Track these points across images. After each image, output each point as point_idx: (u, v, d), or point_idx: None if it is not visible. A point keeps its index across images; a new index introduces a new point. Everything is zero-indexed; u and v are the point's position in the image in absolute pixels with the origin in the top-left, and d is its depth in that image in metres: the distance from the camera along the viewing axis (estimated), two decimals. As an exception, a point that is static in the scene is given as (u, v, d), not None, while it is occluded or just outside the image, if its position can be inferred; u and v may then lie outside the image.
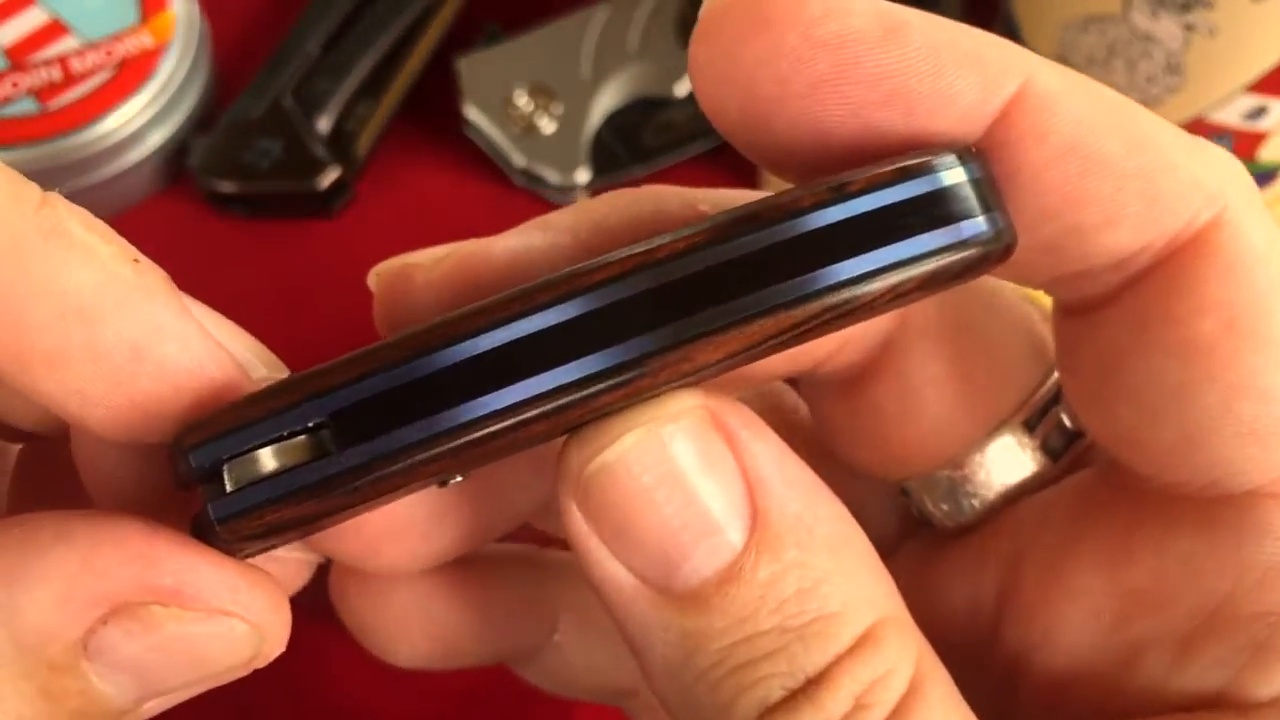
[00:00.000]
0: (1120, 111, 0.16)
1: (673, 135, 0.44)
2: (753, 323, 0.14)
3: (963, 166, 0.15)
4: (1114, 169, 0.16)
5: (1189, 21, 0.34)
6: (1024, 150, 0.16)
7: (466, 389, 0.13)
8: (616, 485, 0.15)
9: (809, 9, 0.15)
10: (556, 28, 0.44)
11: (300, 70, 0.44)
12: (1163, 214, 0.16)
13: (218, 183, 0.42)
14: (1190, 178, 0.16)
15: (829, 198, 0.14)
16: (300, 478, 0.14)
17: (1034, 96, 0.16)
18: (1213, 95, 0.36)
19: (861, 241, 0.14)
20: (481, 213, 0.44)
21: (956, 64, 0.15)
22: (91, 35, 0.43)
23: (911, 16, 0.15)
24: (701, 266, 0.14)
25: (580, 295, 0.13)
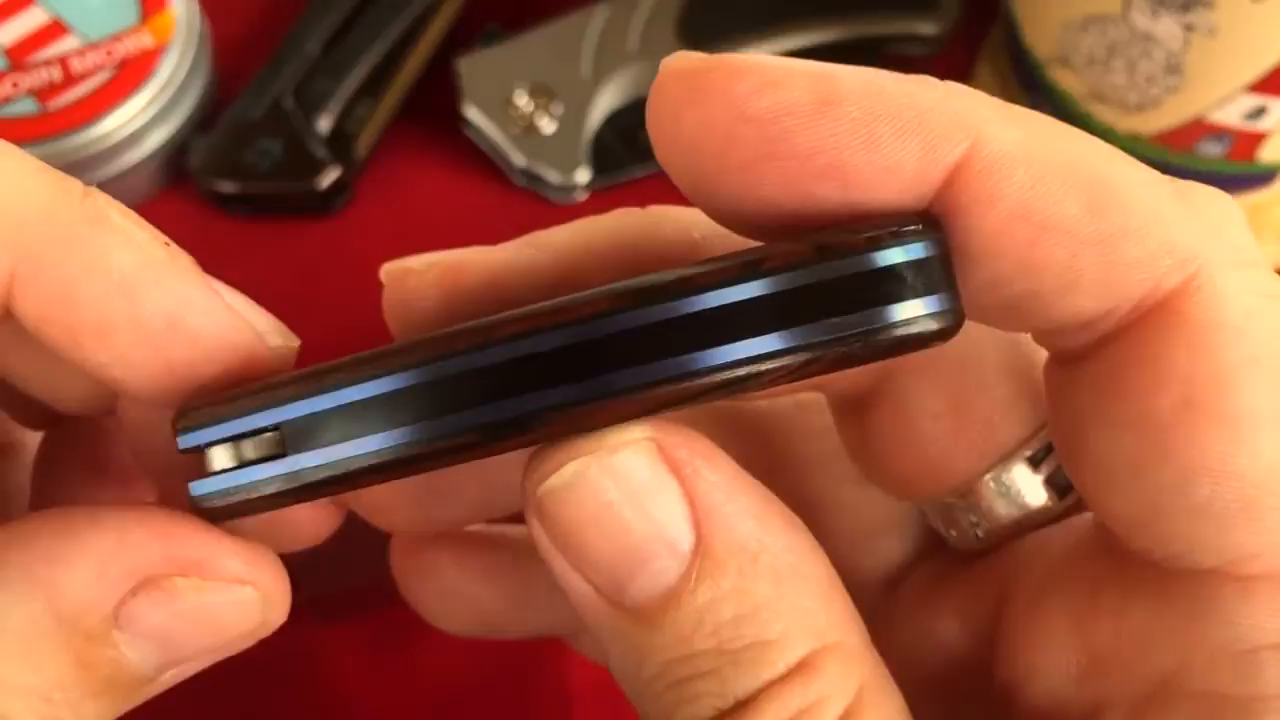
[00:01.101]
0: (1086, 167, 0.15)
1: (673, 135, 0.44)
2: (646, 391, 0.14)
3: (896, 247, 0.14)
4: (1069, 234, 0.15)
5: (1189, 21, 0.34)
6: (973, 216, 0.15)
7: (391, 417, 0.15)
8: (562, 511, 0.16)
9: (741, 83, 0.15)
10: (556, 28, 0.44)
11: (300, 70, 0.44)
12: (1123, 281, 0.15)
13: (218, 183, 0.42)
14: (1158, 241, 0.15)
15: (736, 275, 0.14)
16: (257, 472, 0.16)
17: (982, 159, 0.15)
18: (1213, 95, 0.36)
19: (762, 322, 0.14)
20: (481, 213, 0.44)
21: (895, 134, 0.15)
22: (92, 35, 0.43)
23: (849, 85, 0.15)
24: (603, 334, 0.14)
25: (493, 346, 0.14)
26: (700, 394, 0.14)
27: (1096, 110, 0.39)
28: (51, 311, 0.17)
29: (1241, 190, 0.40)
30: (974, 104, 0.15)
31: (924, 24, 0.45)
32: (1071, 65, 0.38)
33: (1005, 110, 0.16)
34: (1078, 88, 0.39)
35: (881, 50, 0.46)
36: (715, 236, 0.18)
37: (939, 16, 0.45)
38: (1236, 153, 0.38)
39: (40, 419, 0.22)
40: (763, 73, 0.15)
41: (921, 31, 0.45)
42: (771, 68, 0.15)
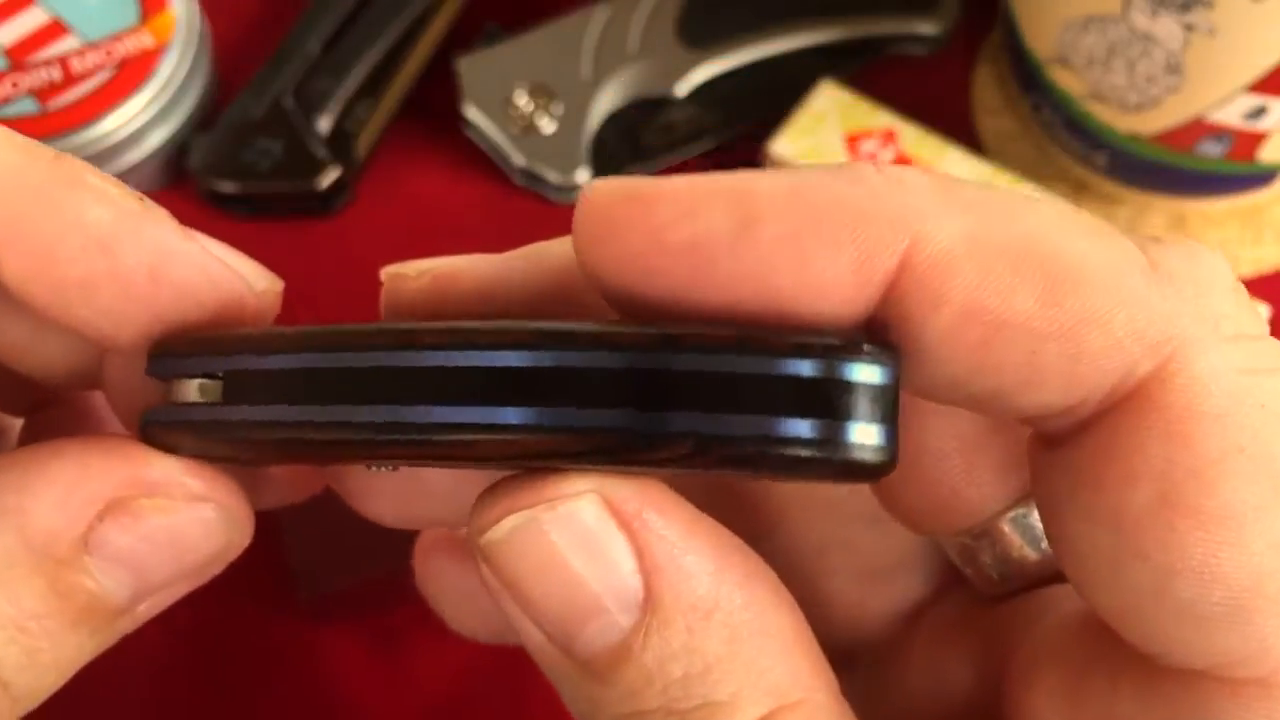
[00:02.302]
0: (1041, 250, 0.14)
1: (673, 135, 0.44)
2: (515, 435, 0.14)
3: (828, 360, 0.13)
4: (1024, 330, 0.14)
5: (1189, 21, 0.34)
6: (919, 320, 0.14)
7: (294, 393, 0.15)
8: (506, 564, 0.15)
9: (656, 215, 0.14)
10: (556, 28, 0.44)
11: (300, 70, 0.44)
12: (1089, 373, 0.14)
13: (218, 183, 0.42)
14: (1126, 325, 0.14)
15: (649, 343, 0.14)
16: (195, 414, 0.16)
17: (922, 260, 0.14)
18: (1213, 95, 0.36)
19: (654, 397, 0.14)
20: (481, 213, 0.44)
21: (824, 247, 0.14)
22: (92, 35, 0.43)
23: (769, 200, 0.14)
24: (498, 365, 0.14)
25: (393, 349, 0.14)
26: (551, 455, 0.14)
27: (1096, 110, 0.39)
28: (34, 272, 0.17)
29: (1241, 190, 0.40)
30: (911, 196, 0.14)
31: (924, 24, 0.45)
32: (1071, 65, 0.38)
33: (947, 196, 0.14)
34: (1077, 88, 0.39)
35: (881, 50, 0.46)
36: None
37: (939, 16, 0.45)
38: (1236, 153, 0.38)
39: (22, 403, 0.22)
40: (677, 201, 0.14)
41: (921, 31, 0.45)
42: (686, 194, 0.14)
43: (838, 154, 0.41)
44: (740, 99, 0.44)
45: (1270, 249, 0.41)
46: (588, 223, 0.15)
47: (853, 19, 0.45)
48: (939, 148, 0.41)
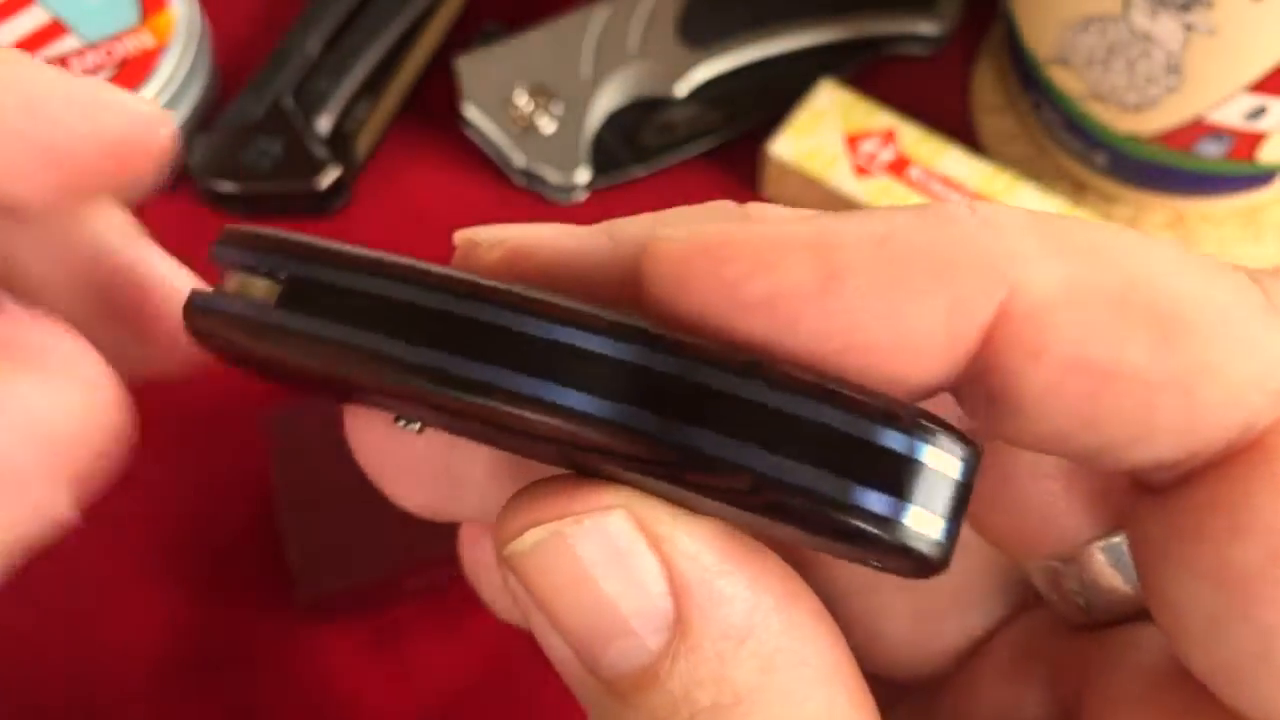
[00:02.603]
0: (1149, 292, 0.13)
1: (673, 135, 0.44)
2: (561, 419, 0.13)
3: (920, 439, 0.13)
4: (1137, 380, 0.13)
5: (1189, 21, 0.34)
6: (1017, 374, 0.13)
7: (371, 319, 0.14)
8: (530, 577, 0.15)
9: (731, 267, 0.13)
10: (556, 28, 0.44)
11: (300, 70, 0.44)
12: (1206, 425, 0.13)
13: (218, 182, 0.42)
14: (1245, 373, 0.13)
15: (729, 366, 0.13)
16: (244, 309, 0.15)
17: (1022, 309, 0.13)
18: (1212, 95, 0.36)
19: (720, 420, 0.13)
20: (481, 212, 0.44)
21: (915, 300, 0.13)
22: (91, 35, 0.43)
23: (855, 251, 0.13)
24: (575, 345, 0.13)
25: (470, 299, 0.14)
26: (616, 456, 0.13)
27: (1096, 110, 0.39)
28: None
29: (1241, 190, 0.40)
30: (1006, 240, 0.13)
31: (924, 24, 0.45)
32: (1071, 65, 0.38)
33: (1045, 238, 0.13)
34: (1077, 88, 0.39)
35: (881, 50, 0.46)
36: None
37: (939, 16, 0.45)
38: (1236, 153, 0.38)
39: None
40: (754, 253, 0.13)
41: (921, 31, 0.45)
42: (764, 245, 0.13)
43: (838, 154, 0.41)
44: (740, 99, 0.44)
45: (1270, 249, 0.41)
46: (657, 279, 0.14)
47: (853, 19, 0.45)
48: (939, 147, 0.41)
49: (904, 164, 0.41)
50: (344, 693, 0.36)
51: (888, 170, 0.41)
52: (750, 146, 0.44)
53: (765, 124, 0.44)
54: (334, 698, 0.36)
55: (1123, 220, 0.41)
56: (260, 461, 0.39)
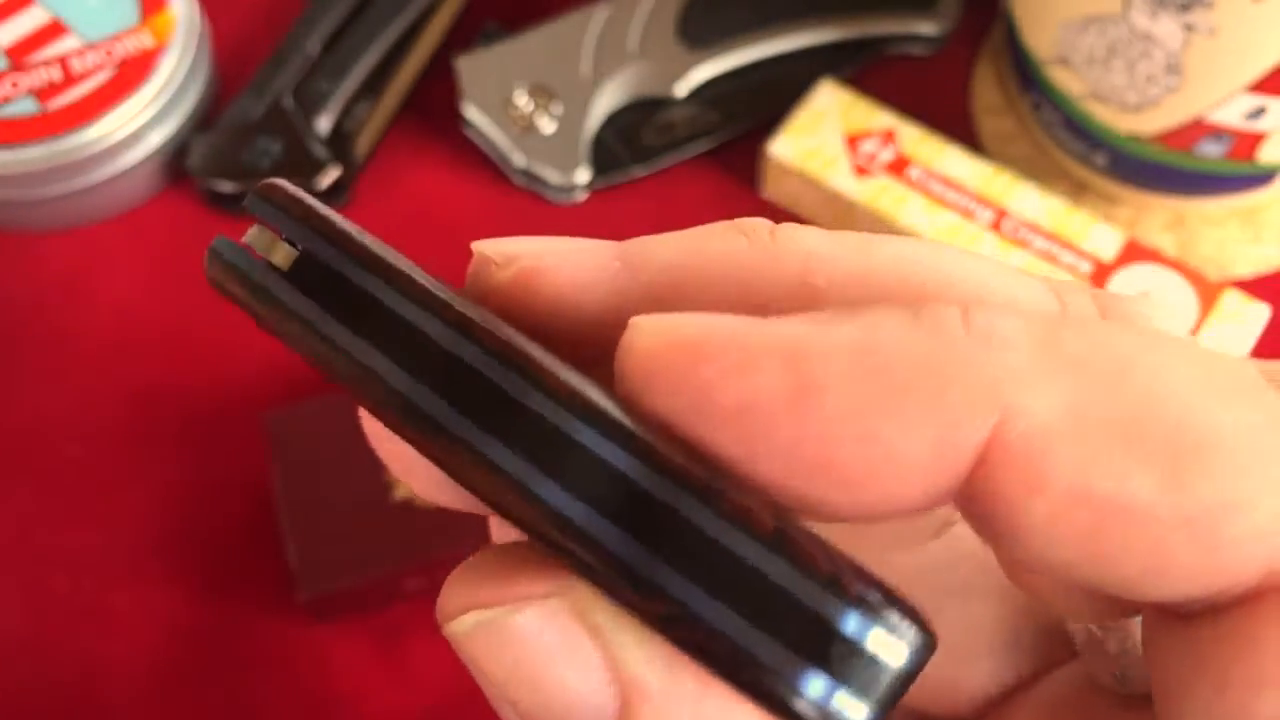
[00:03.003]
0: (1161, 417, 0.12)
1: (673, 135, 0.44)
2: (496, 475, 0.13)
3: (860, 616, 0.12)
4: (1147, 518, 0.12)
5: (1189, 21, 0.34)
6: (1013, 504, 0.12)
7: (360, 317, 0.14)
8: (473, 659, 0.14)
9: (703, 370, 0.12)
10: (556, 27, 0.44)
11: (300, 70, 0.44)
12: (1226, 568, 0.12)
13: (217, 182, 0.42)
14: (1270, 514, 0.12)
15: (687, 482, 0.12)
16: (252, 267, 0.14)
17: (1019, 437, 0.12)
18: (1212, 95, 0.36)
19: (647, 534, 0.12)
20: (481, 213, 0.44)
21: (896, 423, 0.12)
22: (91, 35, 0.43)
23: (833, 363, 0.12)
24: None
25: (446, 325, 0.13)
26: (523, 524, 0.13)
27: (1096, 110, 0.39)
28: None
29: (1241, 190, 0.40)
30: (1003, 356, 0.12)
31: (924, 24, 0.45)
32: (1071, 65, 0.38)
33: (1047, 354, 0.12)
34: (1077, 88, 0.39)
35: (881, 50, 0.46)
36: (840, 287, 0.15)
37: (939, 16, 0.45)
38: (1236, 153, 0.38)
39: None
40: (726, 354, 0.12)
41: (921, 31, 0.45)
42: (739, 346, 0.12)
43: (838, 154, 0.41)
44: (740, 99, 0.44)
45: (1270, 249, 0.41)
46: (633, 374, 0.13)
47: (853, 19, 0.45)
48: (939, 147, 0.41)
49: (904, 164, 0.41)
50: (344, 692, 0.36)
51: (887, 170, 0.41)
52: (750, 146, 0.44)
53: (765, 124, 0.44)
54: (334, 697, 0.36)
55: (1123, 221, 0.41)
56: (260, 462, 0.39)
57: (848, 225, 0.42)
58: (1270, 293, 0.40)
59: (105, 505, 0.39)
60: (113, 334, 0.41)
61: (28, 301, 0.42)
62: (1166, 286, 0.38)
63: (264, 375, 0.41)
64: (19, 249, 0.43)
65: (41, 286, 0.42)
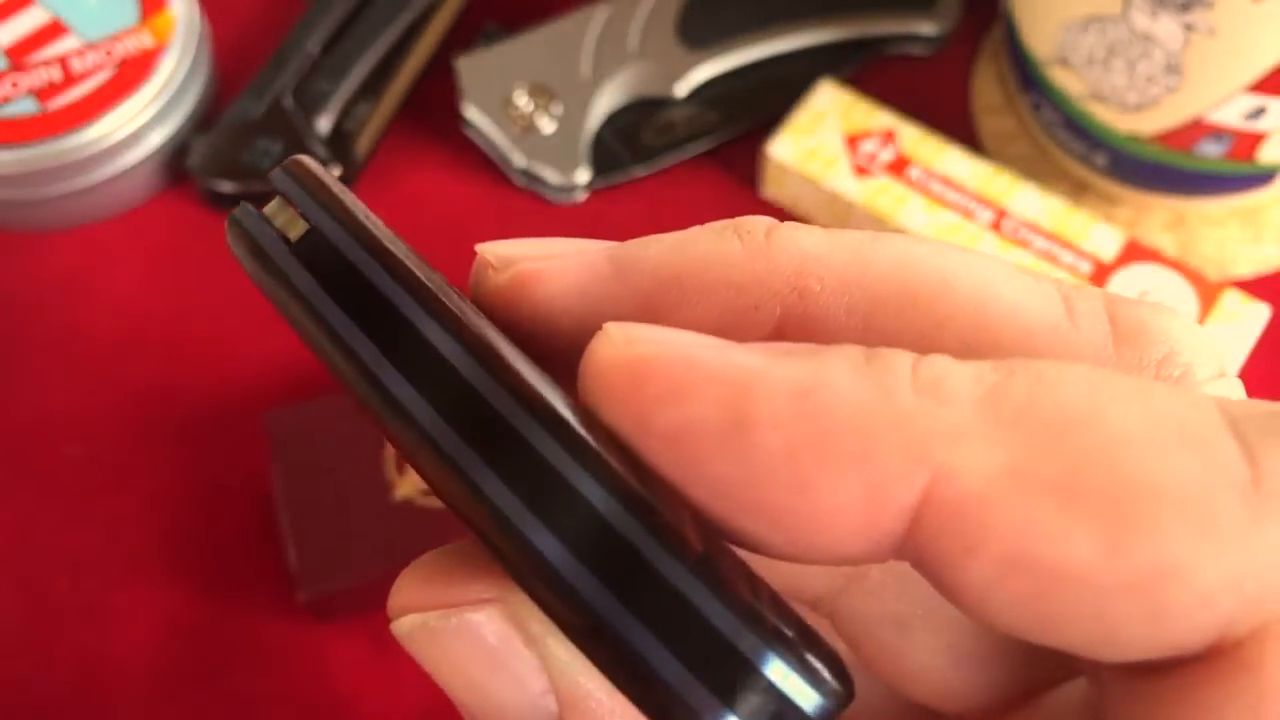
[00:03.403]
0: (1105, 479, 0.11)
1: (673, 135, 0.44)
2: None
3: (779, 661, 0.11)
4: (1086, 582, 0.11)
5: (1189, 21, 0.34)
6: (951, 567, 0.12)
7: (347, 296, 0.14)
8: (416, 656, 0.14)
9: (645, 389, 0.12)
10: (556, 28, 0.44)
11: (300, 70, 0.44)
12: (1171, 633, 0.11)
13: (217, 183, 0.42)
14: (1215, 577, 0.11)
15: (623, 495, 0.12)
16: (263, 234, 0.15)
17: (954, 498, 0.11)
18: (1212, 95, 0.36)
19: (588, 549, 0.12)
20: (481, 213, 0.44)
21: (826, 471, 0.12)
22: (91, 35, 0.43)
23: (771, 402, 0.12)
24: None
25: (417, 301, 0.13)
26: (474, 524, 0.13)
27: (1096, 110, 0.39)
28: None
29: (1241, 190, 0.40)
30: (945, 413, 0.12)
31: (924, 24, 0.45)
32: (1071, 65, 0.38)
33: (994, 406, 0.12)
34: (1077, 88, 0.39)
35: (882, 50, 0.46)
36: (834, 290, 0.15)
37: (939, 16, 0.45)
38: (1236, 153, 0.38)
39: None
40: (668, 378, 0.12)
41: (921, 31, 0.45)
42: (681, 371, 0.12)
43: (837, 154, 0.41)
44: (740, 99, 0.44)
45: (1269, 249, 0.41)
46: (587, 383, 0.13)
47: (853, 19, 0.45)
48: (939, 147, 0.41)
49: (904, 164, 0.41)
50: (344, 692, 0.36)
51: (887, 170, 0.41)
52: (750, 146, 0.44)
53: (765, 124, 0.44)
54: (334, 697, 0.36)
55: (1123, 221, 0.41)
56: (261, 462, 0.39)
57: (847, 225, 0.42)
58: (1270, 293, 0.40)
59: (105, 505, 0.39)
60: (113, 334, 0.41)
61: (28, 301, 0.42)
62: (1166, 286, 0.39)
63: (265, 375, 0.41)
64: (19, 249, 0.43)
65: (42, 286, 0.42)
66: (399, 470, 0.36)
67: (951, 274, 0.14)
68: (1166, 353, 0.14)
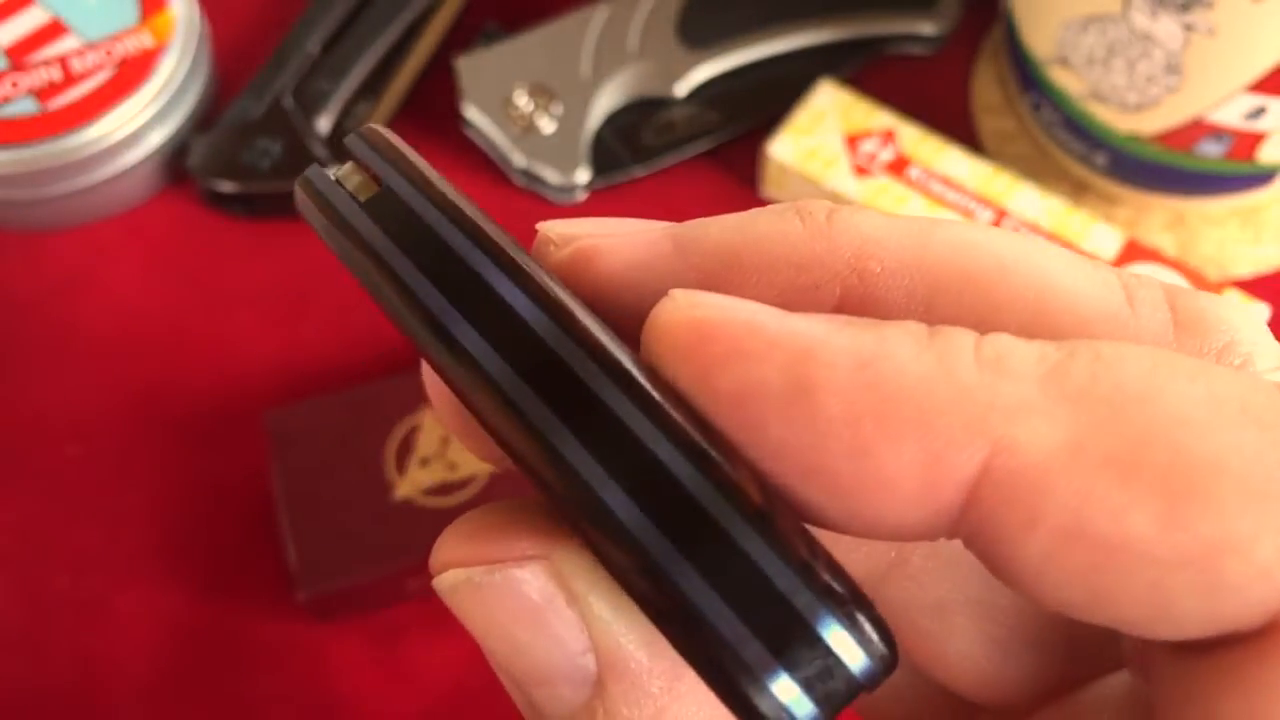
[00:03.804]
0: (1161, 451, 0.11)
1: (673, 135, 0.44)
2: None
3: (833, 623, 0.12)
4: (1144, 556, 0.11)
5: (1189, 21, 0.34)
6: (1009, 541, 0.12)
7: (420, 251, 0.14)
8: (458, 612, 0.14)
9: (708, 350, 0.12)
10: (556, 28, 0.44)
11: (300, 70, 0.44)
12: (1229, 609, 0.11)
13: (217, 183, 0.42)
14: (1276, 552, 0.11)
15: (684, 462, 0.12)
16: (335, 196, 0.15)
17: (1013, 471, 0.11)
18: (1212, 95, 0.36)
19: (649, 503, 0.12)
20: (481, 213, 0.44)
21: (885, 441, 0.12)
22: (91, 35, 0.43)
23: (833, 369, 0.12)
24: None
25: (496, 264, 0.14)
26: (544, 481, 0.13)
27: (1096, 110, 0.39)
28: None
29: (1241, 190, 0.40)
30: (1006, 386, 0.12)
31: (924, 24, 0.45)
32: (1071, 65, 0.38)
33: (1054, 386, 0.12)
34: (1077, 88, 0.39)
35: (881, 50, 0.46)
36: (894, 273, 0.15)
37: (939, 16, 0.45)
38: (1236, 153, 0.38)
39: None
40: (733, 339, 0.12)
41: (921, 31, 0.45)
42: (749, 334, 0.12)
43: (837, 154, 0.41)
44: (740, 99, 0.44)
45: (1269, 249, 0.41)
46: (652, 343, 0.13)
47: (853, 19, 0.45)
48: (939, 147, 0.41)
49: (904, 164, 0.41)
50: (344, 692, 0.36)
51: (887, 170, 0.41)
52: (750, 146, 0.44)
53: (765, 124, 0.44)
54: (334, 697, 0.36)
55: (1123, 221, 0.41)
56: (261, 461, 0.39)
57: (848, 225, 0.42)
58: (1270, 292, 0.40)
59: (106, 504, 0.39)
60: (113, 333, 0.41)
61: (28, 301, 0.42)
62: (1166, 286, 0.39)
63: (265, 374, 0.41)
64: (19, 248, 0.43)
65: (42, 286, 0.42)
66: (399, 470, 0.36)
67: (1011, 259, 0.14)
68: (1227, 341, 0.14)
